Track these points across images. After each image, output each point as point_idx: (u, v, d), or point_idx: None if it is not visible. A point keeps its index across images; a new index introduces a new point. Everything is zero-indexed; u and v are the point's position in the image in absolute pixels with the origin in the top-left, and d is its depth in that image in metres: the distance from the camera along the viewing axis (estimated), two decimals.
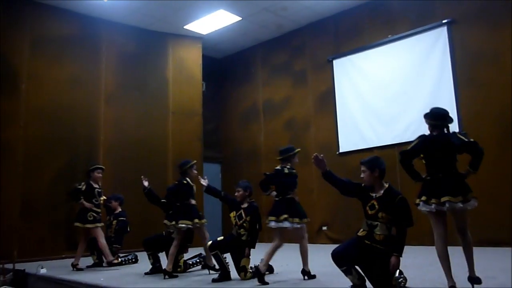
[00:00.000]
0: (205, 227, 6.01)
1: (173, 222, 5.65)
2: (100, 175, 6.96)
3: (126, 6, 9.20)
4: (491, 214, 7.09)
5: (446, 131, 4.01)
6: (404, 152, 4.04)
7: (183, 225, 5.61)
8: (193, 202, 5.82)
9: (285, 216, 4.95)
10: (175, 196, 5.78)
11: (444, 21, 8.33)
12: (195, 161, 6.12)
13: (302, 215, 5.12)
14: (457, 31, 8.22)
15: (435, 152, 3.95)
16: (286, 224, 4.95)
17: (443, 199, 3.76)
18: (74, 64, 9.26)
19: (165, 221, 5.82)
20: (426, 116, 4.12)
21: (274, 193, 5.21)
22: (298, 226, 5.03)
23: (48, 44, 8.91)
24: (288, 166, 5.24)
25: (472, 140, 3.90)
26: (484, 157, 3.88)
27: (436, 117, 4.05)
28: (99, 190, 6.85)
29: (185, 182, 5.79)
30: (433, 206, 3.82)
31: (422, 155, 4.03)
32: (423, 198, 3.90)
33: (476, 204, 3.86)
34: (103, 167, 7.16)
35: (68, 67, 9.16)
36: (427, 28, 8.58)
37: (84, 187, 6.72)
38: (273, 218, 4.99)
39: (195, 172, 5.97)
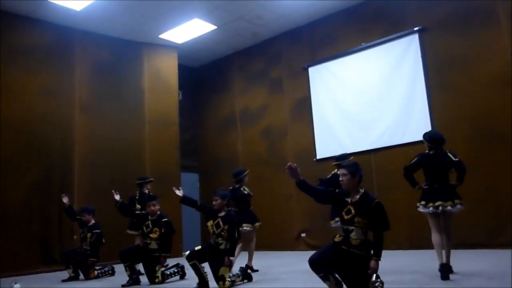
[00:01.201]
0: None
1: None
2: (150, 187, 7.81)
3: (100, 16, 9.12)
4: (465, 216, 7.22)
5: (440, 150, 5.07)
6: (407, 167, 5.20)
7: (247, 228, 6.37)
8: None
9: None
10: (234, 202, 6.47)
11: (415, 29, 8.50)
12: (248, 170, 6.78)
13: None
14: (428, 38, 8.41)
15: (431, 167, 5.05)
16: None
17: (437, 204, 4.89)
18: (47, 74, 9.11)
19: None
20: (425, 138, 5.26)
21: None
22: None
23: (20, 54, 8.75)
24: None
25: (458, 159, 4.98)
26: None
27: (433, 140, 5.17)
28: None
29: (245, 192, 6.55)
30: (430, 208, 4.94)
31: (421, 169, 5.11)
32: (423, 202, 5.03)
33: (461, 208, 4.92)
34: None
35: (41, 77, 9.01)
36: (399, 36, 8.75)
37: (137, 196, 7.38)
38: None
39: (247, 179, 6.71)
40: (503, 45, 7.55)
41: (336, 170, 6.06)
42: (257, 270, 6.31)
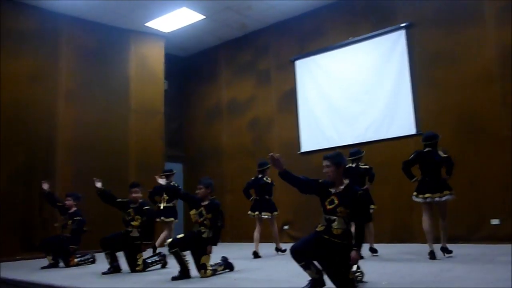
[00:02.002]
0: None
1: (256, 213, 7.15)
2: None
3: (87, 1, 8.99)
4: (449, 210, 7.34)
5: (433, 148, 5.83)
6: (405, 162, 5.95)
7: (266, 216, 7.12)
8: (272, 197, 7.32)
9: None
10: (256, 190, 7.27)
11: (402, 24, 8.54)
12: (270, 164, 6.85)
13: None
14: (415, 34, 8.46)
15: (425, 163, 5.85)
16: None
17: (426, 195, 5.71)
18: (32, 59, 8.96)
19: (249, 212, 7.26)
20: (422, 138, 6.09)
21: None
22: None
23: (4, 39, 8.57)
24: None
25: (447, 155, 5.76)
26: None
27: (426, 138, 5.98)
28: None
29: (268, 181, 7.19)
30: (420, 199, 5.77)
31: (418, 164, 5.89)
32: (415, 193, 5.86)
33: (450, 198, 5.69)
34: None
35: (26, 63, 8.86)
36: (387, 31, 8.78)
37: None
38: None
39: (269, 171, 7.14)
40: (489, 43, 7.64)
41: (350, 164, 6.53)
42: (285, 250, 6.99)
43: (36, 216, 8.57)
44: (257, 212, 7.18)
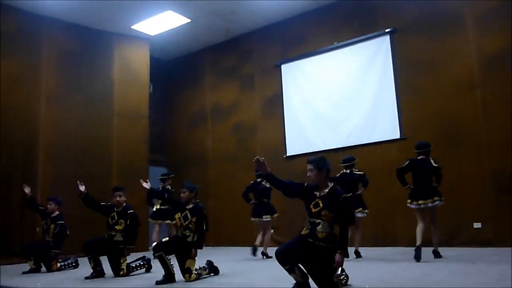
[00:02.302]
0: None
1: (258, 218, 7.40)
2: None
3: (69, 3, 8.90)
4: None
5: (426, 157, 6.15)
6: (399, 169, 6.26)
7: (267, 219, 7.39)
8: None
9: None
10: (255, 194, 7.53)
11: (386, 30, 8.67)
12: None
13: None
14: (398, 40, 8.59)
15: (418, 170, 6.15)
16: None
17: (419, 202, 6.04)
18: (13, 62, 8.82)
19: (252, 219, 7.53)
20: (415, 147, 6.34)
21: None
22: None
23: None
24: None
25: (436, 165, 6.07)
26: None
27: (418, 146, 6.29)
28: None
29: (267, 185, 7.28)
30: (414, 205, 6.10)
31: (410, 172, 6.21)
32: (409, 200, 6.19)
33: (439, 203, 6.01)
34: None
35: (6, 65, 8.69)
36: (370, 37, 8.91)
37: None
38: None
39: None
40: (469, 50, 7.80)
41: (343, 170, 6.87)
42: (271, 257, 6.64)
43: (16, 221, 8.41)
44: (258, 218, 7.47)
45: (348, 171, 6.83)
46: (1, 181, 8.30)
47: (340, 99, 9.19)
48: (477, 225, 7.35)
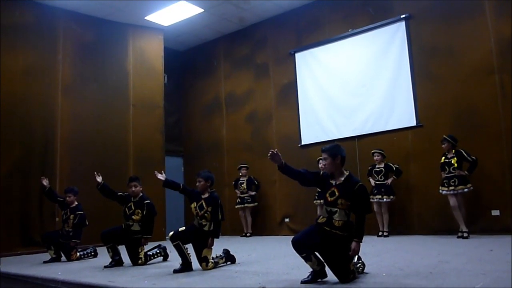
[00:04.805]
0: None
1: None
2: None
3: None
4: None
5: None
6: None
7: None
8: None
9: None
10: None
11: (402, 16, 8.53)
12: None
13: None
14: (414, 26, 8.45)
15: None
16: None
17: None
18: (30, 53, 8.92)
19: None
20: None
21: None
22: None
23: (1, 33, 8.53)
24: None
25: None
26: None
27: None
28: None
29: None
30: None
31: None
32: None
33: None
34: None
35: (23, 57, 8.81)
36: (386, 23, 8.77)
37: None
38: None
39: None
40: (487, 34, 7.64)
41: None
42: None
43: (36, 211, 8.56)
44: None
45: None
46: (21, 171, 8.44)
47: (355, 86, 9.11)
48: (495, 212, 7.26)
